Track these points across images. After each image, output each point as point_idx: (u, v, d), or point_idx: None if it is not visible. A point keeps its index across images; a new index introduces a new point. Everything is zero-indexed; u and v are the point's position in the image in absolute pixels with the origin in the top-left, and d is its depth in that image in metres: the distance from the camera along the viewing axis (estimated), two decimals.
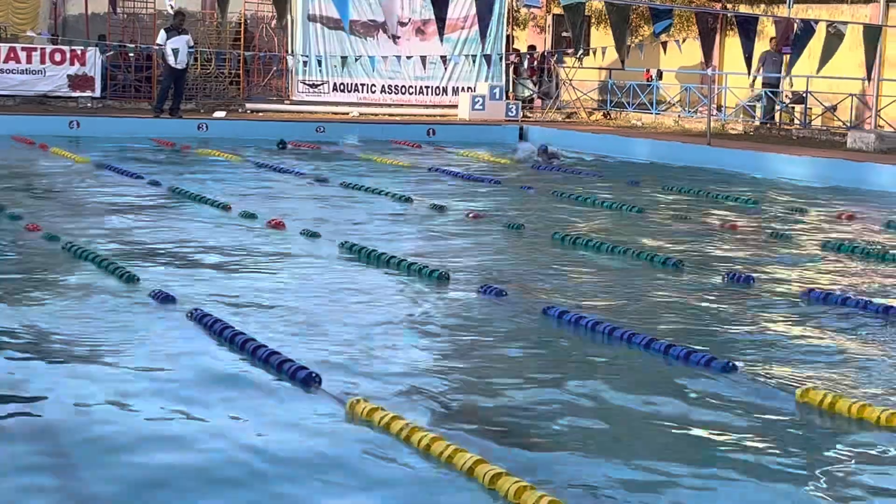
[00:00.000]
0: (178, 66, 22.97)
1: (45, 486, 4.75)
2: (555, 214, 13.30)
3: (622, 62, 18.33)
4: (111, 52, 25.09)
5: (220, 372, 6.43)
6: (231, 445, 5.27)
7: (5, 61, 23.96)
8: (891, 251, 10.85)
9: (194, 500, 4.68)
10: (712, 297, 8.84)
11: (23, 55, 24.09)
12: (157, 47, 23.55)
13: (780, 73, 23.19)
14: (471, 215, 12.57)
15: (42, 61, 24.25)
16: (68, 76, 24.46)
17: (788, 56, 20.92)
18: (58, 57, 24.40)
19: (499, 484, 4.75)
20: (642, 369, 6.81)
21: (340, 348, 6.98)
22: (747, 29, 18.33)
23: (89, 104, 24.52)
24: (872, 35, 17.64)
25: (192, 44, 23.48)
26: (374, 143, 21.65)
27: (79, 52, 24.41)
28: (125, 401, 5.84)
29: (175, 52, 22.64)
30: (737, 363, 6.65)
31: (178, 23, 23.26)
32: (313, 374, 6.17)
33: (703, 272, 9.76)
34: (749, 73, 18.61)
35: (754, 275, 9.50)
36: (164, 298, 7.88)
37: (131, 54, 25.29)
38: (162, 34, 23.29)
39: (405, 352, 6.99)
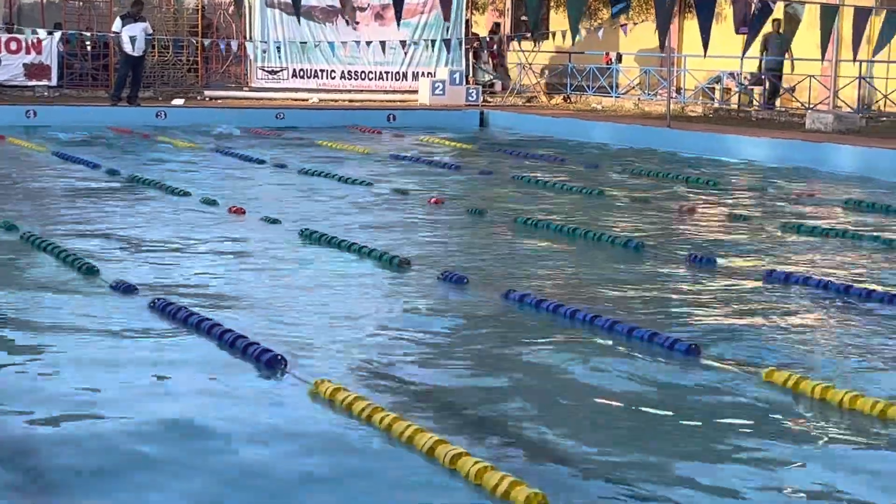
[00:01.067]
0: (136, 54, 22.76)
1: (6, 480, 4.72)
2: (515, 199, 13.30)
3: (573, 40, 18.28)
4: (68, 42, 24.82)
5: (184, 359, 6.39)
6: (198, 430, 5.24)
7: None
8: (850, 230, 10.93)
9: (161, 484, 4.65)
10: (674, 279, 8.87)
11: None
12: (113, 35, 23.35)
13: (782, 55, 23.06)
14: (432, 201, 12.55)
15: None
16: (24, 65, 24.23)
17: (745, 36, 20.99)
18: (13, 46, 24.16)
19: (459, 464, 4.76)
20: (605, 352, 6.83)
21: (304, 332, 6.96)
22: (704, 9, 18.37)
23: (46, 93, 24.30)
24: (829, 15, 17.70)
25: (150, 31, 23.28)
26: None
27: (35, 41, 24.17)
28: (88, 390, 5.80)
29: (132, 39, 22.46)
30: (700, 346, 6.67)
31: (135, 10, 23.07)
32: (279, 357, 6.16)
33: (665, 254, 9.79)
34: (705, 54, 18.60)
35: (715, 256, 9.53)
36: (126, 289, 7.82)
37: (87, 42, 25.05)
38: (118, 22, 23.09)
39: (368, 336, 6.97)
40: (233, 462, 4.90)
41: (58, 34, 24.43)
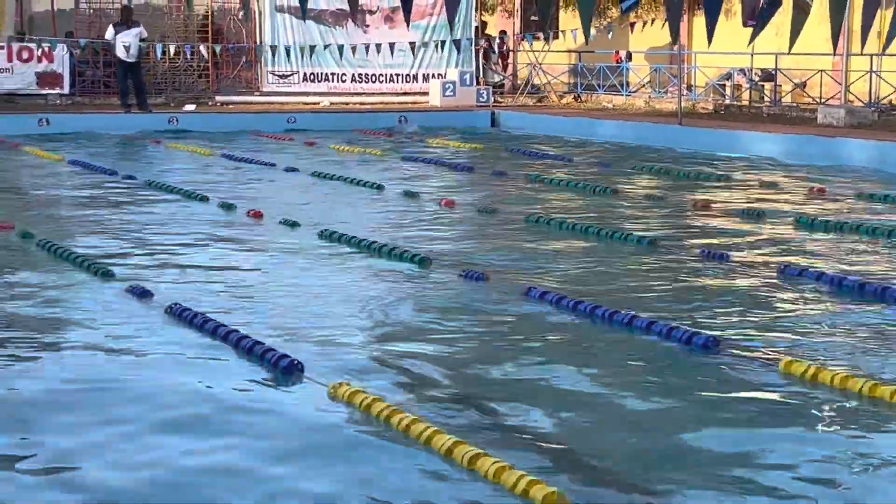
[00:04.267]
0: (129, 60, 22.83)
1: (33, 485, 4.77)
2: (528, 198, 13.31)
3: (586, 38, 18.19)
4: (78, 50, 24.92)
5: (202, 364, 6.43)
6: (217, 436, 5.28)
7: None
8: (863, 224, 10.94)
9: (184, 492, 4.69)
10: (689, 275, 8.89)
11: None
12: (108, 41, 23.37)
13: None
14: (444, 202, 12.58)
15: (9, 59, 24.07)
16: (36, 73, 24.32)
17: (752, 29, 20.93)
18: (25, 55, 24.25)
19: (478, 464, 4.78)
20: (624, 347, 6.85)
21: (323, 335, 6.99)
22: (710, 1, 18.35)
23: (58, 101, 24.38)
24: (839, 8, 17.66)
25: (144, 35, 23.30)
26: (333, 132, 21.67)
27: (46, 50, 24.25)
28: (107, 397, 5.84)
29: (126, 46, 22.58)
30: (718, 338, 6.70)
31: (126, 17, 23.16)
32: (295, 362, 6.19)
33: (679, 250, 9.81)
34: (709, 45, 18.54)
35: (729, 252, 9.55)
36: (142, 294, 7.85)
37: (98, 50, 25.09)
38: (110, 30, 23.15)
39: (387, 337, 7.00)
40: (251, 469, 4.92)
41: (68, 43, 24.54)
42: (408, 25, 23.34)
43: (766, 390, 5.96)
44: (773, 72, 24.13)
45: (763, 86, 24.95)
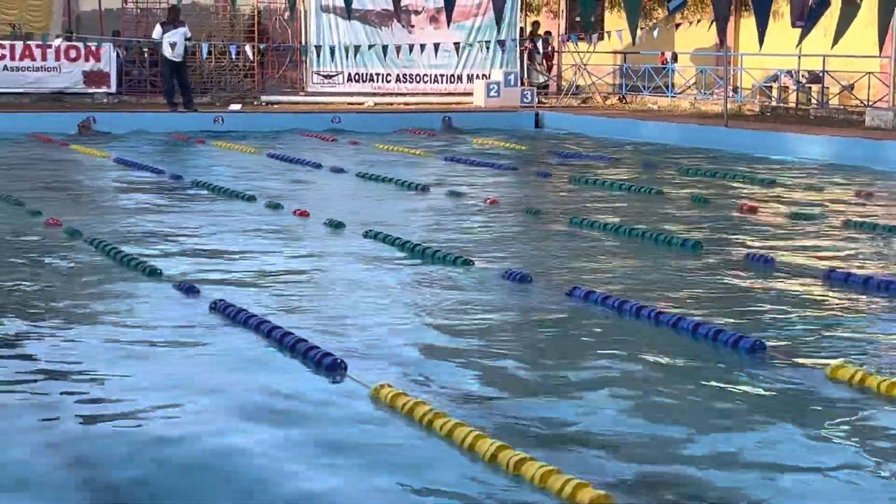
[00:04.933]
0: (176, 59, 23.02)
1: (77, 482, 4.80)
2: (572, 199, 13.29)
3: (633, 39, 18.16)
4: (124, 49, 25.12)
5: (245, 361, 6.45)
6: (258, 432, 5.30)
7: (20, 59, 24.03)
8: None
9: (218, 485, 4.71)
10: (735, 278, 8.84)
11: (38, 52, 24.15)
12: (155, 40, 23.55)
13: None
14: (488, 202, 12.58)
15: (57, 58, 24.31)
16: (83, 72, 24.54)
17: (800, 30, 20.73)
18: (73, 53, 24.46)
19: (523, 469, 4.76)
20: (670, 350, 6.81)
21: (366, 335, 6.99)
22: (760, 3, 18.20)
23: (105, 100, 24.57)
24: (888, 8, 17.45)
25: (188, 35, 23.47)
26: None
27: (93, 49, 24.48)
28: (152, 393, 5.86)
29: (172, 45, 22.79)
30: (764, 342, 6.65)
31: (173, 17, 23.34)
32: (339, 361, 6.19)
33: (724, 253, 9.75)
34: (761, 47, 18.42)
35: (775, 255, 9.48)
36: (188, 290, 7.90)
37: (145, 49, 25.28)
38: (158, 29, 23.36)
39: (430, 338, 6.99)
40: (293, 468, 4.92)
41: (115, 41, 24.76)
42: (448, 25, 23.38)
43: (812, 395, 5.92)
44: (821, 74, 23.95)
45: (810, 88, 24.76)
